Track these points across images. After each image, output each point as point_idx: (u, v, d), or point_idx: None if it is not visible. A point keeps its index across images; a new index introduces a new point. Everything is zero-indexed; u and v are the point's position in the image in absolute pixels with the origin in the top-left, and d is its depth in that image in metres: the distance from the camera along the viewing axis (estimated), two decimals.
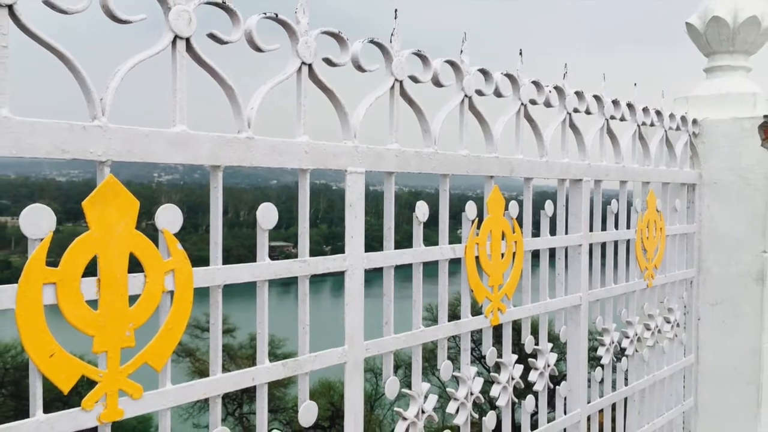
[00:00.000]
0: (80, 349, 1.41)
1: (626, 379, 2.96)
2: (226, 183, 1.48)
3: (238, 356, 24.48)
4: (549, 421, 2.48)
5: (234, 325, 25.34)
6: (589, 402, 2.70)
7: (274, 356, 1.56)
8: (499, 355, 2.26)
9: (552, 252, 2.47)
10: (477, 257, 2.10)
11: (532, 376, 2.44)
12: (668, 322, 3.19)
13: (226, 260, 1.48)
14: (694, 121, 3.37)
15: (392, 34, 1.81)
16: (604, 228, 2.76)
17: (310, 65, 1.62)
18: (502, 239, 2.18)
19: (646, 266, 2.99)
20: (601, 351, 2.80)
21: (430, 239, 1.99)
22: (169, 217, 1.37)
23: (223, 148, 1.46)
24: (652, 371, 3.11)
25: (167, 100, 1.38)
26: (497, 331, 2.22)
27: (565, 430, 2.58)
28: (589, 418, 2.70)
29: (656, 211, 3.03)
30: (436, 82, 1.96)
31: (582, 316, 2.62)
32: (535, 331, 2.40)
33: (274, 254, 1.57)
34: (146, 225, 1.35)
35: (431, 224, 2.01)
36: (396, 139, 1.87)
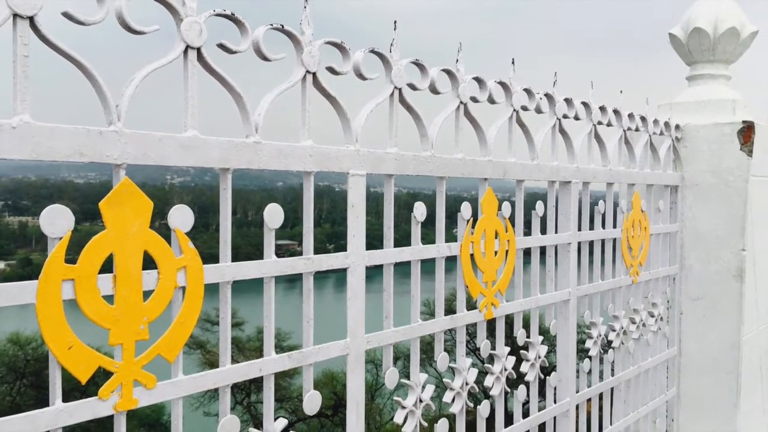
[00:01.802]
0: (97, 342, 1.41)
1: (613, 370, 2.96)
2: (235, 185, 1.49)
3: (246, 348, 24.45)
4: (540, 409, 2.49)
5: (242, 319, 25.31)
6: (577, 392, 2.70)
7: (280, 348, 1.57)
8: (493, 348, 2.27)
9: (542, 250, 2.47)
10: (472, 255, 2.10)
11: (524, 367, 2.45)
12: (652, 316, 3.20)
13: (235, 258, 1.48)
14: (677, 127, 3.37)
15: (392, 45, 1.81)
16: (591, 227, 2.76)
17: (314, 74, 1.62)
18: (496, 238, 2.18)
19: (632, 263, 2.99)
20: (589, 343, 2.80)
21: (428, 238, 1.99)
22: (181, 217, 1.37)
23: (232, 152, 1.46)
24: (637, 362, 3.11)
25: (179, 107, 1.38)
26: (491, 324, 2.22)
27: (555, 418, 2.58)
28: (577, 407, 2.70)
29: (641, 212, 3.03)
30: (433, 90, 1.96)
31: (571, 310, 2.62)
32: (526, 325, 2.40)
33: (280, 252, 1.57)
34: (159, 224, 1.35)
35: (428, 224, 2.01)
36: (395, 144, 1.87)
